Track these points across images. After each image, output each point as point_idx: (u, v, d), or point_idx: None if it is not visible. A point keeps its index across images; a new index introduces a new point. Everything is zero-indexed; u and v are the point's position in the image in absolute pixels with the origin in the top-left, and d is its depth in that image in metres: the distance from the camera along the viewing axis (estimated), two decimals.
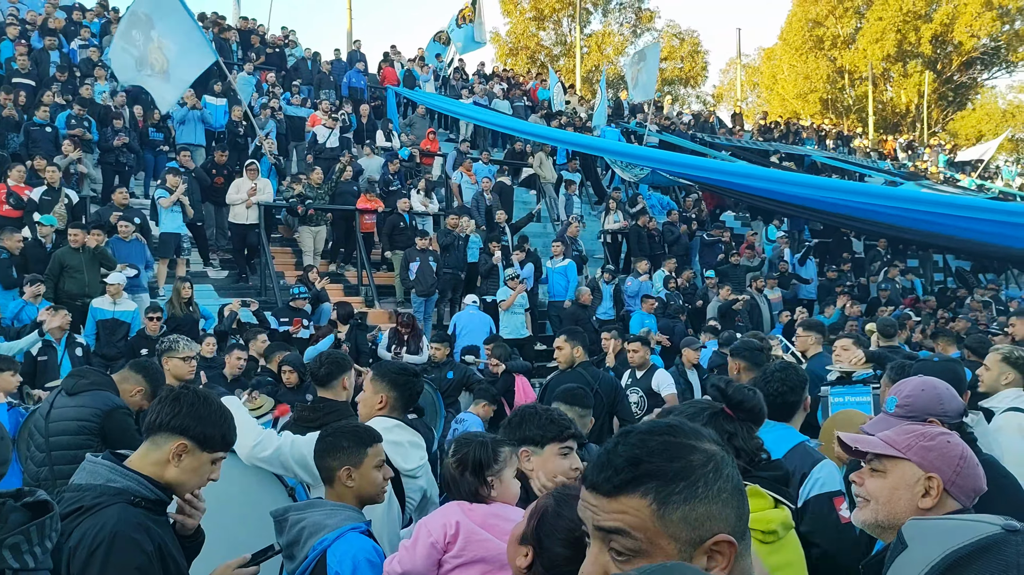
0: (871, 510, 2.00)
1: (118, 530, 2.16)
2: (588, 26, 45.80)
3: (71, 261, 9.23)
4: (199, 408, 2.38)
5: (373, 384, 3.51)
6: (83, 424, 4.02)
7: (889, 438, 2.03)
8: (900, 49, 41.75)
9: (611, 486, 1.16)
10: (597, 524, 1.17)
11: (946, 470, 1.93)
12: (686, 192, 18.67)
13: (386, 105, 18.33)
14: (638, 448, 1.18)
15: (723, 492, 1.16)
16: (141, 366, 4.40)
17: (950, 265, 19.33)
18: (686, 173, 14.57)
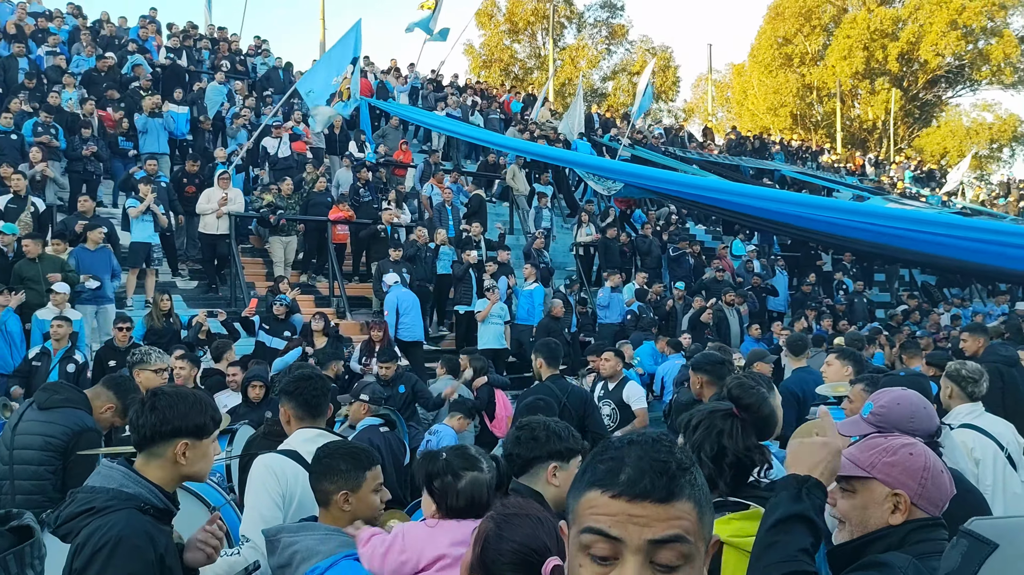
0: (847, 531, 2.00)
1: (124, 534, 2.22)
2: (562, 40, 46.10)
3: (28, 272, 9.06)
4: (178, 406, 2.44)
5: (280, 403, 3.42)
6: (49, 441, 3.92)
7: (854, 456, 2.03)
8: (868, 66, 42.48)
9: (667, 492, 1.13)
10: (652, 537, 1.12)
11: (911, 484, 1.93)
12: (657, 206, 18.82)
13: (359, 116, 18.30)
14: (678, 454, 1.18)
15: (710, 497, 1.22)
16: (114, 383, 4.30)
17: (916, 279, 19.65)
18: (658, 186, 14.67)
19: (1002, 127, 46.01)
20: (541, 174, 17.12)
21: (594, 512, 1.14)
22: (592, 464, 1.20)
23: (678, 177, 15.31)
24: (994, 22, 41.61)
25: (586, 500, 1.17)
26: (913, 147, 44.55)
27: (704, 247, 17.15)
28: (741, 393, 2.44)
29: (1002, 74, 42.74)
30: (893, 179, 28.86)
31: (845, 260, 17.42)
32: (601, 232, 15.40)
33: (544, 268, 13.39)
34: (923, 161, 36.28)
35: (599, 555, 1.13)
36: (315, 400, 3.33)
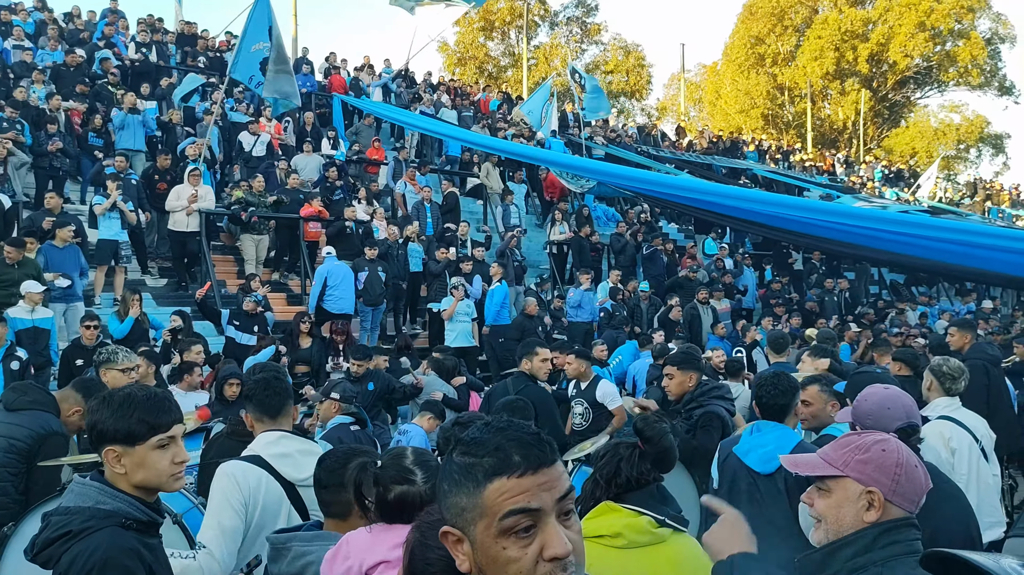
0: (823, 530, 2.01)
1: (109, 555, 2.09)
2: (536, 38, 46.16)
3: (2, 274, 8.90)
4: (102, 411, 2.30)
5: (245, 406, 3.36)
6: (13, 443, 3.87)
7: (827, 455, 2.03)
8: (838, 67, 42.97)
9: (552, 454, 1.31)
10: (559, 495, 1.29)
11: (885, 481, 1.93)
12: (630, 204, 18.91)
13: (332, 113, 18.21)
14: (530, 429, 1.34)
15: None
16: (83, 385, 4.26)
17: (885, 278, 19.91)
18: (631, 185, 14.74)
19: (969, 128, 46.76)
20: (515, 172, 17.11)
21: (508, 496, 1.27)
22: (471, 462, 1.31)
23: (651, 176, 15.39)
24: (961, 24, 42.28)
25: (493, 491, 1.28)
26: (882, 147, 45.14)
27: (677, 245, 17.25)
28: (644, 427, 2.66)
29: (969, 76, 43.43)
30: (863, 179, 29.22)
31: (815, 259, 17.60)
32: (575, 230, 15.44)
33: (517, 267, 13.40)
34: (892, 161, 36.77)
35: (523, 529, 1.27)
36: (273, 401, 3.24)
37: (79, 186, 13.34)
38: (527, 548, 1.26)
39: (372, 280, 11.56)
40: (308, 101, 18.43)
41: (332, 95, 18.63)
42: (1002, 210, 28.82)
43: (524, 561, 1.26)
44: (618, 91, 47.42)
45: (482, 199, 17.07)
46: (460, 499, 1.31)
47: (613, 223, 17.32)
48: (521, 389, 5.70)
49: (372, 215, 13.46)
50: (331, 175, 14.26)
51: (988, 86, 44.58)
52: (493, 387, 6.08)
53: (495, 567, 1.29)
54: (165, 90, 15.71)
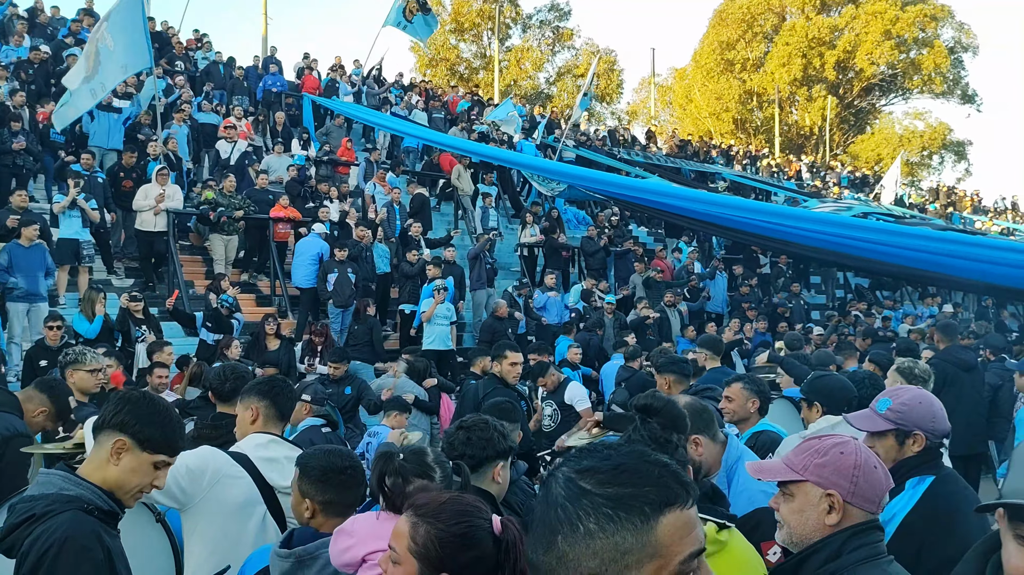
0: (786, 533, 2.03)
1: (69, 534, 2.13)
2: (508, 40, 46.20)
3: None
4: (142, 407, 2.36)
5: (242, 402, 3.32)
6: None
7: (789, 461, 2.05)
8: (805, 74, 43.53)
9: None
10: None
11: (843, 484, 1.94)
12: (600, 207, 19.01)
13: (302, 113, 18.10)
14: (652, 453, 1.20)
15: None
16: (47, 385, 4.22)
17: (850, 282, 20.23)
18: (602, 188, 14.83)
19: (932, 135, 47.57)
20: (486, 174, 17.14)
21: (685, 533, 1.09)
22: (627, 492, 1.10)
23: (621, 179, 15.52)
24: (925, 33, 43.03)
25: (667, 527, 1.08)
26: (848, 153, 45.79)
27: (646, 248, 17.38)
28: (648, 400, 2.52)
29: (932, 83, 44.20)
30: (828, 184, 29.62)
31: (781, 263, 17.83)
32: (545, 233, 15.51)
33: (489, 269, 13.42)
34: (857, 167, 37.32)
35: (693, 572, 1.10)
36: (288, 405, 3.34)
37: (43, 184, 13.13)
38: None
39: (342, 281, 11.52)
40: (278, 100, 18.31)
41: (303, 95, 18.52)
42: (963, 216, 29.37)
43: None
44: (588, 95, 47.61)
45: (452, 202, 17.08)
46: (622, 538, 1.07)
47: (584, 226, 17.41)
48: (490, 391, 5.73)
49: (346, 216, 13.39)
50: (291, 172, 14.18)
51: (951, 94, 45.39)
52: (464, 389, 6.10)
53: None
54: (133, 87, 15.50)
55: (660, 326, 13.23)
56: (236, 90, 17.87)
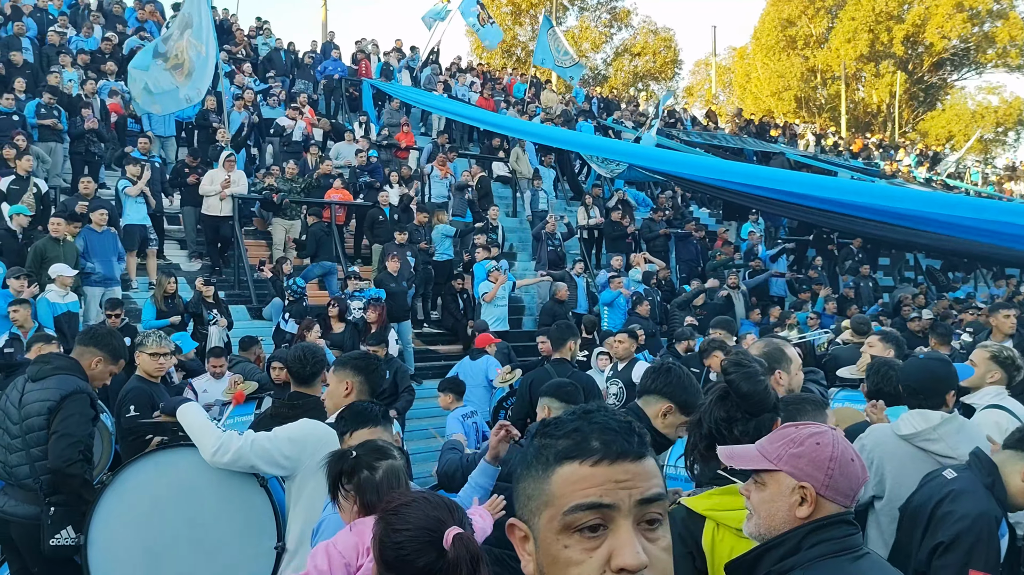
0: (754, 523, 1.95)
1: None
2: (564, 22, 45.82)
3: (51, 253, 9.01)
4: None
5: (337, 374, 3.48)
6: (46, 405, 4.01)
7: (763, 448, 1.97)
8: (872, 49, 42.20)
9: (641, 450, 1.14)
10: (642, 496, 1.11)
11: (818, 476, 1.86)
12: (661, 188, 18.73)
13: (362, 98, 18.19)
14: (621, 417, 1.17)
15: None
16: (89, 336, 4.36)
17: (921, 264, 19.58)
18: (662, 168, 14.58)
19: (1007, 110, 45.72)
20: (544, 157, 17.01)
21: (577, 487, 1.10)
22: (546, 443, 1.16)
23: (684, 158, 15.20)
24: (1000, 4, 41.29)
25: (561, 477, 1.12)
26: (917, 130, 44.35)
27: (708, 231, 17.07)
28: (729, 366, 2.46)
29: (1007, 57, 42.45)
30: (897, 162, 28.73)
31: (853, 245, 17.35)
32: (605, 215, 15.33)
33: (552, 251, 13.31)
34: (928, 145, 36.11)
35: (590, 527, 1.09)
36: (379, 380, 3.53)
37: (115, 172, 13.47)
38: (592, 552, 1.09)
39: (402, 264, 11.55)
40: (338, 86, 18.44)
41: (362, 80, 18.61)
42: None
43: (586, 566, 1.08)
44: (644, 73, 47.03)
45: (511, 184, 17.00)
46: (527, 484, 1.16)
47: (645, 208, 17.17)
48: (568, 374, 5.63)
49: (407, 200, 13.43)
50: (359, 159, 14.26)
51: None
52: (535, 373, 6.01)
53: (555, 569, 1.11)
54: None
55: (723, 309, 12.98)
56: (300, 76, 18.05)
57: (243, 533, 3.37)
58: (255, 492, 3.39)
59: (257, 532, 3.36)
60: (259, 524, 3.37)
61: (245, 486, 3.39)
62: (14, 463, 4.04)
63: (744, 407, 2.38)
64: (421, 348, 11.85)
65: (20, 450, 4.02)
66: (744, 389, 2.39)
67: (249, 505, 3.38)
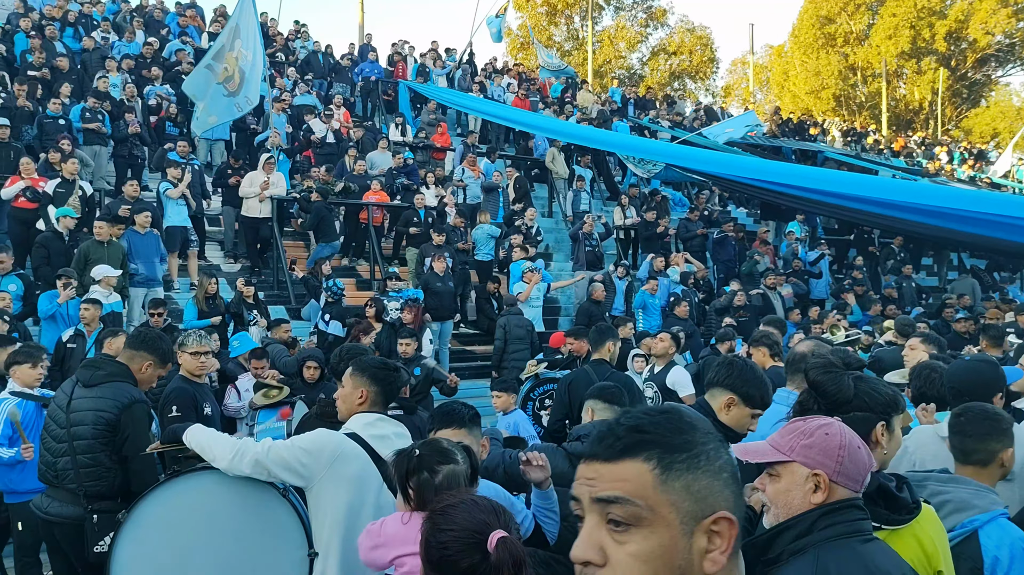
0: (772, 514, 2.05)
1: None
2: (600, 22, 45.70)
3: (95, 254, 9.21)
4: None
5: (352, 379, 3.39)
6: (101, 415, 4.06)
7: (775, 442, 2.09)
8: (914, 46, 41.46)
9: (613, 451, 1.16)
10: (595, 495, 1.16)
11: (829, 463, 1.98)
12: (698, 188, 18.59)
13: (398, 99, 18.30)
14: (640, 420, 1.19)
15: (724, 471, 1.17)
16: (139, 340, 4.40)
17: (965, 263, 19.19)
18: (700, 168, 14.47)
19: None
20: (581, 157, 16.98)
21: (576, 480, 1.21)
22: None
23: (721, 157, 15.07)
24: None
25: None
26: (961, 128, 43.48)
27: (746, 230, 16.90)
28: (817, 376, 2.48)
29: None
30: (940, 161, 28.21)
31: (895, 244, 17.06)
32: (642, 216, 15.25)
33: (590, 252, 13.26)
34: (972, 142, 35.38)
35: (580, 516, 1.19)
36: (395, 391, 3.41)
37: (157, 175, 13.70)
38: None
39: None
40: (375, 88, 18.57)
41: (398, 81, 18.72)
42: None
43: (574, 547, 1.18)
44: (681, 71, 46.73)
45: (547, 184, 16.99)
46: None
47: (682, 208, 17.04)
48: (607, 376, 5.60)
49: (443, 201, 13.48)
50: (396, 160, 14.33)
51: None
52: (575, 374, 5.98)
53: None
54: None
55: (762, 310, 12.84)
56: (336, 79, 18.21)
57: (273, 547, 3.26)
58: (277, 504, 3.30)
59: (286, 543, 3.28)
60: (286, 535, 3.29)
61: (265, 499, 3.30)
62: (60, 467, 4.09)
63: (827, 407, 2.40)
64: (457, 348, 11.89)
65: (66, 455, 4.08)
66: (827, 388, 2.43)
67: (273, 518, 3.30)
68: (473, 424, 2.84)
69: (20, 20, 15.25)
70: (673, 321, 11.38)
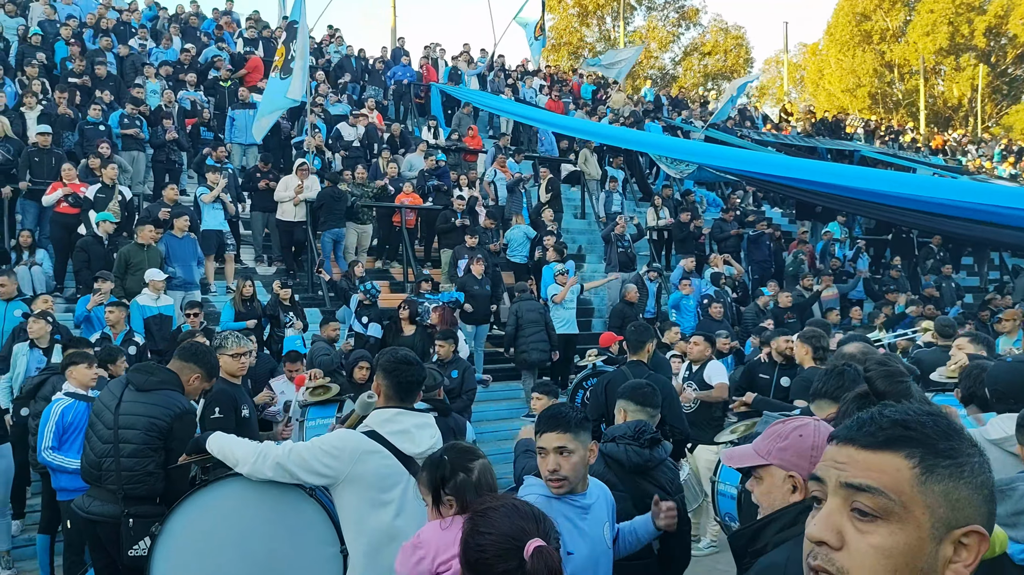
0: (761, 514, 2.15)
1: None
2: (631, 22, 45.54)
3: (135, 258, 9.38)
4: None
5: (375, 376, 3.43)
6: (153, 422, 4.14)
7: (757, 446, 2.18)
8: (952, 42, 40.78)
9: (874, 440, 1.13)
10: (845, 480, 1.13)
11: (803, 464, 2.07)
12: (732, 188, 18.43)
13: (430, 102, 18.37)
14: (908, 415, 1.15)
15: (984, 488, 1.13)
16: (190, 353, 4.47)
17: (1007, 262, 18.81)
18: (733, 168, 14.33)
19: None
20: (613, 158, 16.91)
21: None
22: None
23: (754, 156, 14.91)
24: None
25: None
26: (1001, 125, 42.64)
27: (781, 230, 16.72)
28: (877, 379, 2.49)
29: None
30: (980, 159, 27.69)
31: (933, 243, 16.78)
32: (675, 216, 15.16)
33: (623, 253, 13.20)
34: (1013, 140, 34.68)
35: (817, 497, 1.18)
36: (409, 386, 3.35)
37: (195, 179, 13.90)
38: None
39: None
40: (407, 91, 18.66)
41: (430, 84, 18.80)
42: None
43: (811, 524, 1.20)
44: (715, 72, 46.38)
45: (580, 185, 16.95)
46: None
47: (715, 208, 16.90)
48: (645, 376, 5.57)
49: (474, 203, 13.51)
50: (428, 163, 14.39)
51: None
52: (612, 374, 5.96)
53: None
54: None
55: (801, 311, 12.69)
56: (371, 81, 18.33)
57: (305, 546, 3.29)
58: (306, 504, 3.34)
59: (317, 541, 3.32)
60: (317, 533, 3.33)
61: (294, 500, 3.33)
62: (105, 467, 4.17)
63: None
64: (491, 350, 11.90)
65: (110, 456, 4.15)
66: (881, 388, 2.43)
67: (303, 518, 3.33)
68: (580, 428, 2.78)
69: (60, 28, 15.55)
70: (707, 322, 11.31)
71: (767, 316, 11.76)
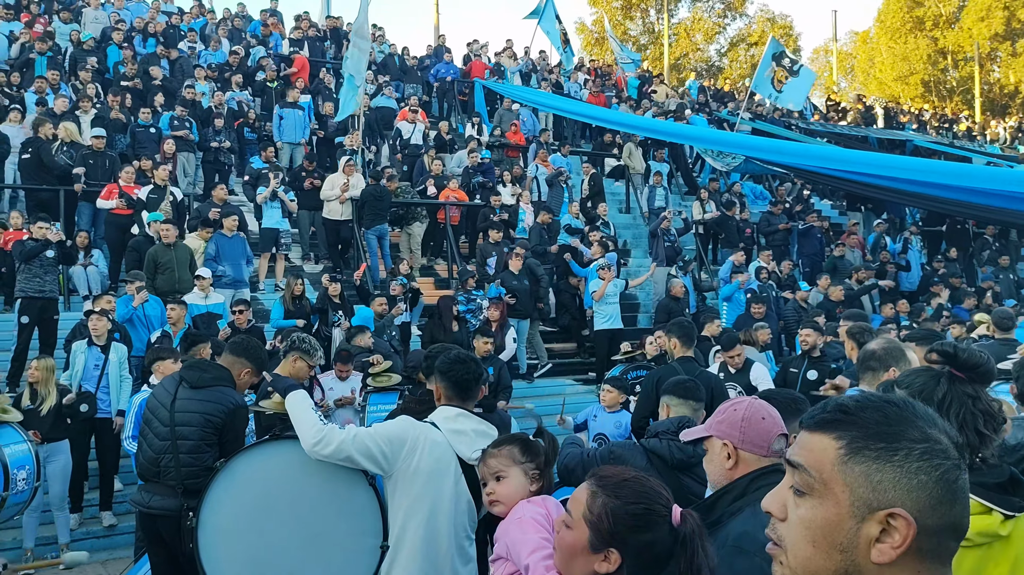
0: (711, 483, 2.43)
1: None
2: (676, 14, 45.06)
3: (162, 258, 9.56)
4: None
5: (432, 378, 3.48)
6: (209, 419, 4.25)
7: (707, 422, 2.47)
8: (1008, 27, 39.60)
9: (812, 423, 1.22)
10: (787, 457, 1.25)
11: (733, 433, 2.34)
12: (780, 181, 18.15)
13: (474, 98, 18.39)
14: (856, 403, 1.20)
15: (922, 474, 1.13)
16: (241, 348, 4.55)
17: None
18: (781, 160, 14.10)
19: None
20: (657, 151, 16.78)
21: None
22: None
23: (802, 148, 14.65)
24: None
25: None
26: None
27: (831, 223, 16.42)
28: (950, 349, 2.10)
29: None
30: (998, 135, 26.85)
31: (988, 234, 16.33)
32: (722, 210, 14.98)
33: (669, 247, 13.09)
34: None
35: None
36: (467, 383, 3.36)
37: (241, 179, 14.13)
38: None
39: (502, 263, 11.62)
40: (450, 88, 18.72)
41: (474, 80, 18.84)
42: None
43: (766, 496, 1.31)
44: None
45: (624, 180, 16.85)
46: None
47: (762, 201, 16.66)
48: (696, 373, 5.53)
49: (518, 199, 13.52)
50: (472, 159, 14.42)
51: None
52: (661, 370, 5.92)
53: None
54: (318, 84, 16.34)
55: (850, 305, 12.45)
56: (406, 79, 18.43)
57: (349, 530, 3.34)
58: (363, 490, 3.37)
59: (361, 530, 3.35)
60: (364, 521, 3.36)
61: (352, 482, 3.37)
62: (164, 463, 4.27)
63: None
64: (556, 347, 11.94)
65: (169, 452, 4.26)
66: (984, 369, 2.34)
67: (355, 502, 3.37)
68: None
69: (112, 32, 15.91)
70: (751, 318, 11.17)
71: (810, 311, 11.57)
